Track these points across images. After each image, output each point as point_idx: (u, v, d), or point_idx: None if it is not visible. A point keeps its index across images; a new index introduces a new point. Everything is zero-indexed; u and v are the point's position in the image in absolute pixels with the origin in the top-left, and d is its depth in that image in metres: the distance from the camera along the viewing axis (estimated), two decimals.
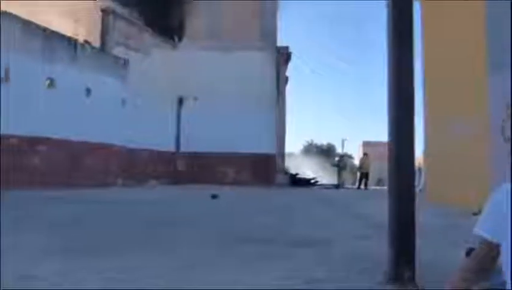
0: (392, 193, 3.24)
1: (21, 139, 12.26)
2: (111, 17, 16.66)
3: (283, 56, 21.04)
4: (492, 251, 1.56)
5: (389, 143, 3.21)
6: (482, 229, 1.56)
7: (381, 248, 4.14)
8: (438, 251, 3.61)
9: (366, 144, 34.68)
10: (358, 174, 23.45)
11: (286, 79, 23.33)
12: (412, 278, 3.00)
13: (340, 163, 25.49)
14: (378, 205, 10.23)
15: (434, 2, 10.01)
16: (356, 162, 36.92)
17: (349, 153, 41.26)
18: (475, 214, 8.09)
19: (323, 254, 4.06)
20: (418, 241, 3.06)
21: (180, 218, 6.79)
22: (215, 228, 5.69)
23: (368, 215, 7.90)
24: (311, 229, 5.77)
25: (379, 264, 3.51)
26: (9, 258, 3.25)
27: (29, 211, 7.19)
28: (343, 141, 36.75)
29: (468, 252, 2.78)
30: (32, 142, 12.63)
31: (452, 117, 9.08)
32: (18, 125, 12.08)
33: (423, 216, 4.09)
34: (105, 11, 16.60)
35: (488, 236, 1.54)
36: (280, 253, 4.04)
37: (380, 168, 27.60)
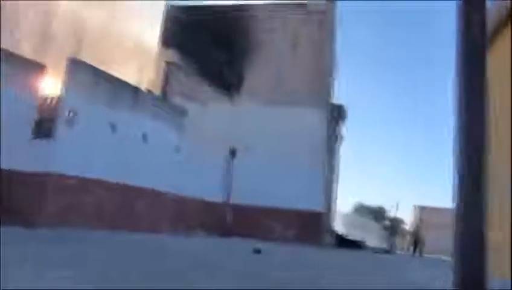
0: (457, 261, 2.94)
1: (79, 179, 12.75)
2: (173, 68, 17.48)
3: (338, 113, 21.02)
4: None
5: (456, 202, 2.97)
6: None
7: None
8: None
9: (420, 209, 33.22)
10: (413, 239, 22.40)
11: (340, 137, 23.18)
12: None
13: (392, 227, 24.60)
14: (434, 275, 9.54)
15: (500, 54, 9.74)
16: (407, 227, 35.30)
17: (399, 217, 39.73)
18: None
19: None
20: None
21: (220, 270, 6.62)
22: (255, 285, 5.47)
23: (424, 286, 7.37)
24: None
25: None
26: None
27: (67, 249, 7.29)
28: (396, 204, 35.46)
29: None
30: (89, 183, 13.08)
31: None
32: (78, 167, 12.63)
33: None
34: (168, 63, 17.47)
35: None
36: None
37: (436, 236, 26.34)
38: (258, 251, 10.13)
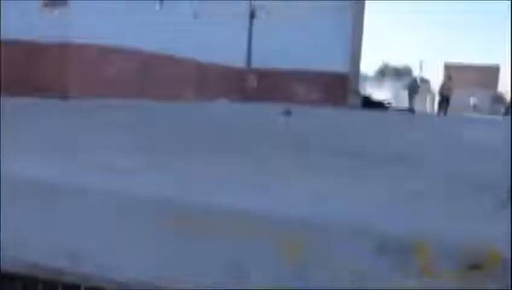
0: None
1: (100, 48, 12.36)
2: None
3: None
4: None
5: None
6: None
7: (485, 172, 3.60)
8: None
9: (448, 67, 32.11)
10: (438, 98, 22.10)
11: None
12: None
13: (412, 86, 24.08)
14: (464, 131, 9.45)
15: None
16: (432, 86, 34.80)
17: (426, 76, 38.88)
18: None
19: (419, 171, 3.57)
20: None
21: (252, 130, 6.52)
22: (292, 140, 5.35)
23: (458, 139, 7.24)
24: (397, 148, 5.27)
25: (490, 188, 3.00)
26: (87, 152, 3.10)
27: (100, 116, 7.23)
28: (421, 63, 34.35)
29: None
30: (109, 52, 12.70)
31: None
32: (96, 35, 12.12)
33: None
34: None
35: None
36: (369, 166, 3.62)
37: (459, 94, 25.81)
38: (288, 113, 9.96)
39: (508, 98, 33.16)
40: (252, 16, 19.05)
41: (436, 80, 32.93)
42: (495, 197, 2.63)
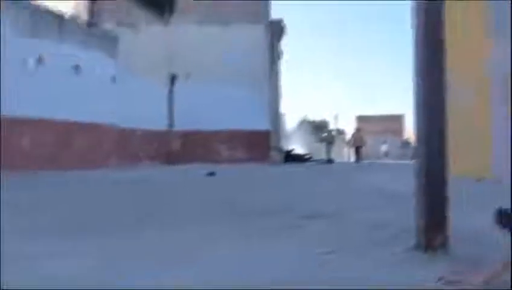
0: (422, 158, 3.01)
1: (8, 119, 11.85)
2: None
3: (277, 30, 20.61)
4: None
5: (417, 110, 3.02)
6: None
7: (398, 218, 3.93)
8: (462, 216, 3.40)
9: (359, 119, 34.47)
10: (353, 149, 23.49)
11: (280, 53, 22.92)
12: (444, 245, 2.78)
13: (327, 138, 25.42)
14: (379, 178, 10.09)
15: None
16: (347, 136, 36.98)
17: (341, 128, 41.23)
18: (478, 180, 7.94)
19: (337, 225, 3.83)
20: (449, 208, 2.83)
21: (178, 195, 6.55)
22: (217, 202, 5.46)
23: (373, 187, 7.72)
24: (318, 202, 5.56)
25: (401, 233, 3.31)
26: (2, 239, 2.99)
27: (18, 193, 6.91)
28: (335, 116, 36.58)
29: (498, 214, 2.54)
30: (20, 123, 12.22)
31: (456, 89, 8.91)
32: (5, 105, 11.67)
33: None
34: None
35: None
36: (290, 225, 3.81)
37: (369, 142, 27.66)
38: (211, 174, 10.15)
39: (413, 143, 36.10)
40: (173, 80, 19.38)
41: (350, 131, 35.24)
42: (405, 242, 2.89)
